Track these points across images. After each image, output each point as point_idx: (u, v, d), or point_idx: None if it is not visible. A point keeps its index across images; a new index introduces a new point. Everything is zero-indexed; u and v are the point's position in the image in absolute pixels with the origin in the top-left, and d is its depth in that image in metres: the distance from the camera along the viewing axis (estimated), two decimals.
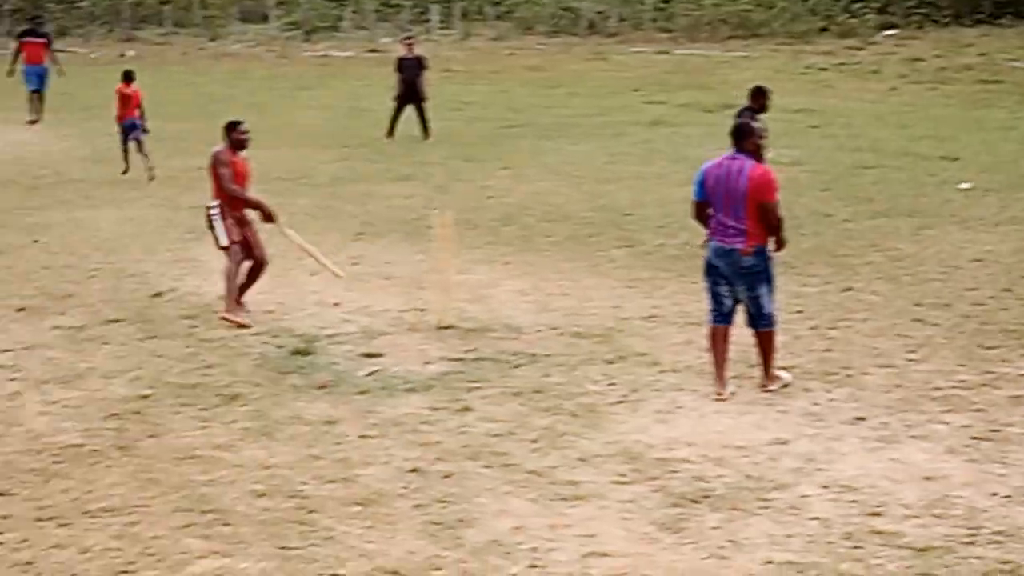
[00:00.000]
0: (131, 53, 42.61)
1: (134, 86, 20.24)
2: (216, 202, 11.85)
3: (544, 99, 31.27)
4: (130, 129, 19.95)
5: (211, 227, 11.90)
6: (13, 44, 28.61)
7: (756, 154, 9.59)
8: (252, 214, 12.07)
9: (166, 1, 49.46)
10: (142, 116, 20.05)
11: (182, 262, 14.08)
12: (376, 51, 43.90)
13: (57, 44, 43.92)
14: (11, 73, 27.05)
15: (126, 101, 20.01)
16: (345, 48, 45.53)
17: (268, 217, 12.05)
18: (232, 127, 11.90)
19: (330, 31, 49.96)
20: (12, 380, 10.03)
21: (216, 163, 11.83)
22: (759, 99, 14.66)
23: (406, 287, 13.09)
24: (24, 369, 10.31)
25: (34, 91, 26.33)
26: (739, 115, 13.11)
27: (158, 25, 48.69)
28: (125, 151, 19.89)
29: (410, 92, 23.86)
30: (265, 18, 50.94)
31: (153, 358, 10.63)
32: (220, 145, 11.90)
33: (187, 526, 7.33)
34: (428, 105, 24.00)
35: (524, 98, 31.49)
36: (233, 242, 11.81)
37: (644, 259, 14.47)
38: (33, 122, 25.55)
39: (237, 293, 11.80)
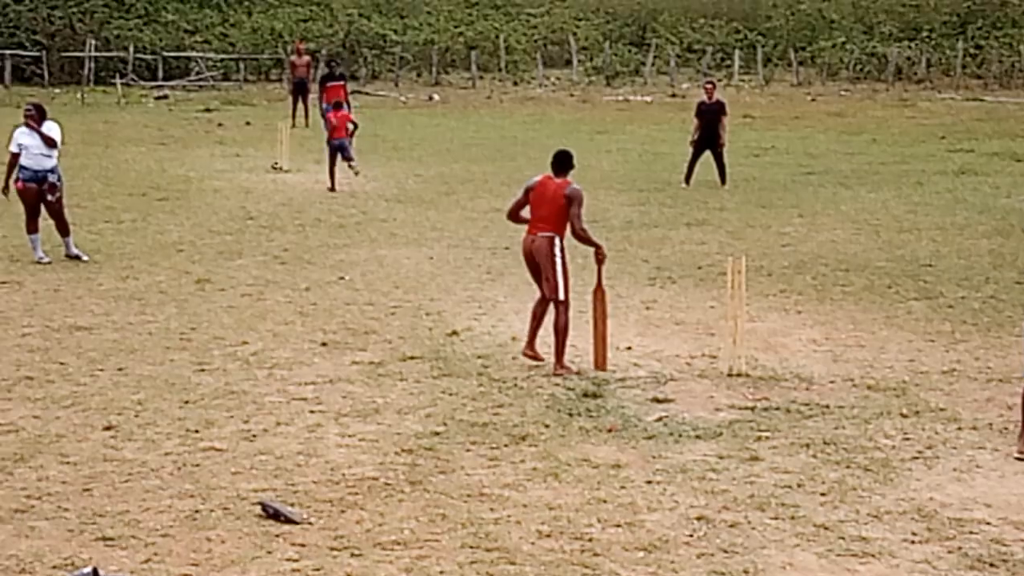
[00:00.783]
0: (437, 97, 43.83)
1: (343, 111, 23.99)
2: (556, 236, 11.61)
3: (844, 145, 30.74)
4: (339, 149, 23.11)
5: (552, 269, 11.60)
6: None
7: None
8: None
9: (473, 46, 50.67)
10: (350, 136, 23.58)
11: (478, 302, 14.37)
12: (676, 96, 44.00)
13: (368, 88, 45.71)
14: (323, 113, 28.16)
15: (339, 124, 23.32)
16: (645, 92, 45.77)
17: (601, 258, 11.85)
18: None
19: (632, 76, 50.32)
20: (313, 412, 10.41)
21: (578, 201, 11.64)
22: None
23: (697, 333, 13.04)
24: (325, 402, 10.69)
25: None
26: None
27: (464, 69, 49.95)
28: (332, 169, 22.94)
29: (708, 137, 23.77)
30: (568, 63, 51.68)
31: (446, 396, 10.87)
32: (573, 182, 11.77)
33: (473, 563, 7.46)
34: (725, 151, 23.88)
35: (824, 144, 31.03)
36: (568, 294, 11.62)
37: (944, 312, 14.04)
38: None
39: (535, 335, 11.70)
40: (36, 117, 16.19)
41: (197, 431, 9.88)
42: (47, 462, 9.20)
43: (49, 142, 16.13)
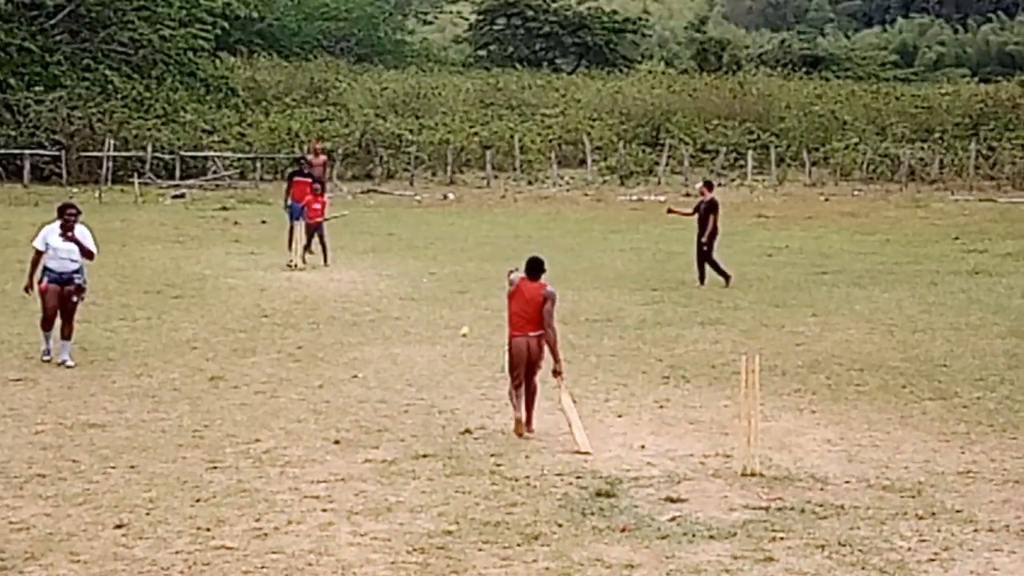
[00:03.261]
0: (451, 196, 44.10)
1: (323, 197, 27.13)
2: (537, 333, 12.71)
3: (858, 245, 30.80)
4: (315, 230, 26.07)
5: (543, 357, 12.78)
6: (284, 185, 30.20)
7: None
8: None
9: (488, 146, 51.02)
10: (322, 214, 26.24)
11: (491, 400, 14.35)
12: (690, 195, 44.17)
13: (384, 187, 46.00)
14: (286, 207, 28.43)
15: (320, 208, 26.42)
16: (659, 192, 45.99)
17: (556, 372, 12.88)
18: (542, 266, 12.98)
19: (645, 175, 50.59)
20: (325, 511, 10.37)
21: (552, 300, 12.75)
22: None
23: (711, 432, 13.00)
24: (337, 500, 10.65)
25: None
26: None
27: (479, 168, 50.25)
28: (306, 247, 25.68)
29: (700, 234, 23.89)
30: (582, 162, 52.00)
31: (459, 494, 10.83)
32: (548, 284, 12.85)
33: None
34: (715, 250, 23.78)
35: (837, 244, 31.10)
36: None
37: (959, 412, 13.99)
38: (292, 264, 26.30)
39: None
40: (75, 224, 16.03)
41: (208, 529, 9.85)
42: (57, 560, 9.17)
43: (87, 254, 16.13)
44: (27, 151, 44.66)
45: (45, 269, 16.11)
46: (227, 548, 9.44)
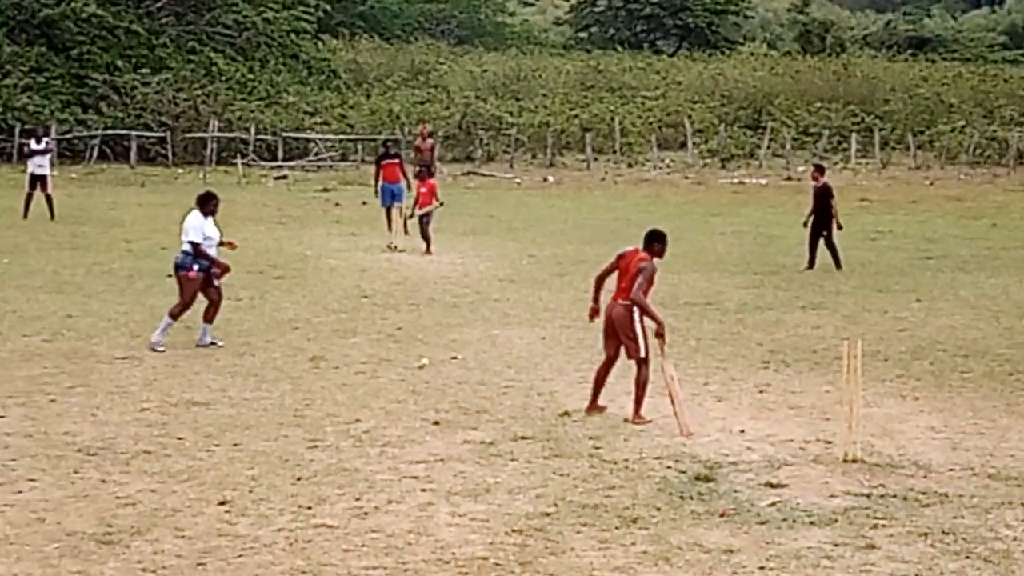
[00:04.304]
0: (551, 178, 44.08)
1: (430, 181, 26.13)
2: (629, 303, 12.46)
3: (963, 230, 30.35)
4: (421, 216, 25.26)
5: (632, 330, 12.46)
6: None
7: None
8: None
9: (588, 128, 50.92)
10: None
11: (590, 383, 14.30)
12: (791, 179, 43.82)
13: (484, 169, 46.12)
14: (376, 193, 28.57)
15: (426, 193, 25.50)
16: (760, 175, 45.63)
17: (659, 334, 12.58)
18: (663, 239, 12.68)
19: (747, 158, 50.22)
20: (424, 491, 10.43)
21: (646, 274, 12.39)
22: None
23: (812, 418, 12.89)
24: (436, 481, 10.71)
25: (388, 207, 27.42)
26: None
27: (579, 151, 50.17)
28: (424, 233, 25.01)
29: (820, 221, 23.60)
30: (683, 145, 51.73)
31: (557, 476, 10.83)
32: (653, 259, 12.59)
33: None
34: (835, 235, 23.58)
35: (942, 228, 30.67)
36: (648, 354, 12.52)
37: None
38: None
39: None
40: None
41: (309, 507, 9.95)
42: (162, 535, 9.31)
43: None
44: (134, 132, 45.35)
45: (199, 258, 16.03)
46: (327, 526, 9.53)
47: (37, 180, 28.76)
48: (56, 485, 10.47)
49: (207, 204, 16.34)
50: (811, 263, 23.31)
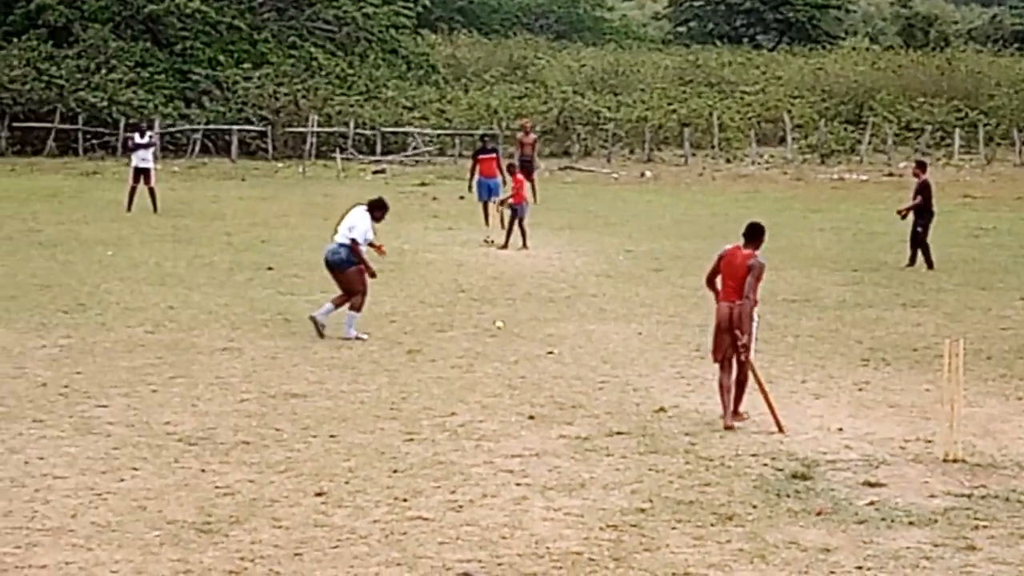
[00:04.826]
0: (648, 174, 43.92)
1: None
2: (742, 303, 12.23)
3: None
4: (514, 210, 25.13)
5: (750, 328, 12.22)
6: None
7: None
8: None
9: (686, 123, 50.65)
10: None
11: (686, 379, 14.28)
12: (893, 175, 43.26)
13: (581, 164, 46.07)
14: (470, 188, 28.74)
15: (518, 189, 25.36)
16: (861, 171, 45.10)
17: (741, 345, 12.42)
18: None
19: (847, 154, 49.65)
20: (519, 485, 10.45)
21: (756, 273, 12.21)
22: None
23: (912, 417, 12.73)
24: (531, 475, 10.72)
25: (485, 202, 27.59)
26: None
27: (677, 146, 49.90)
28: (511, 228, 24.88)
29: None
30: (782, 140, 51.27)
31: (653, 472, 10.80)
32: (759, 255, 12.37)
33: None
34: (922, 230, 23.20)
35: None
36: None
37: None
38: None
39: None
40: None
41: (405, 500, 10.02)
42: (260, 525, 9.42)
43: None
44: (235, 127, 45.87)
45: (351, 255, 16.49)
46: (423, 519, 9.59)
47: (140, 173, 29.22)
48: (157, 474, 10.63)
49: (378, 210, 16.73)
50: (912, 260, 23.01)
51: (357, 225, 16.46)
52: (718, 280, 12.55)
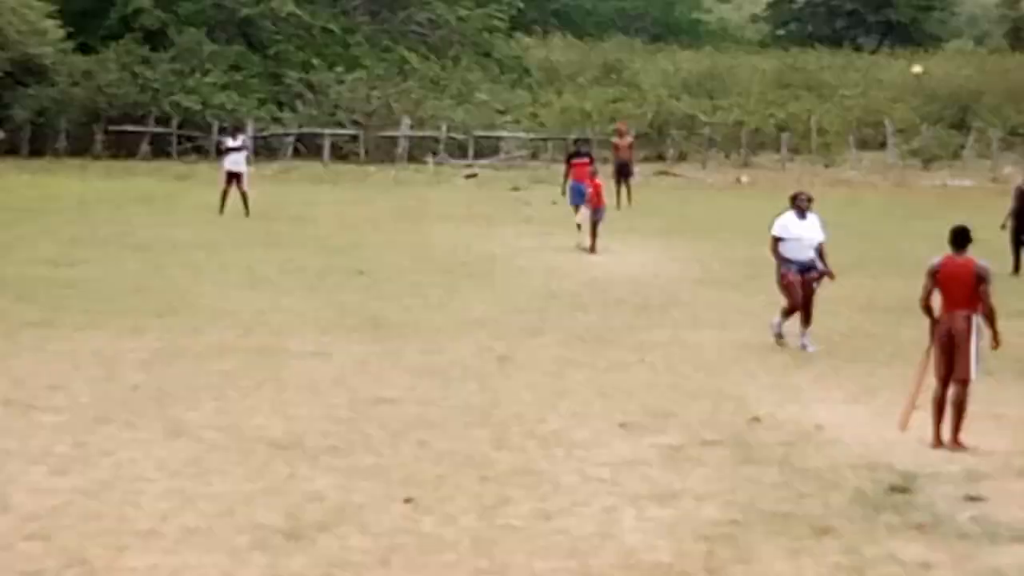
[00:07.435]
0: (745, 179, 43.52)
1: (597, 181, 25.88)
2: (973, 315, 11.87)
3: None
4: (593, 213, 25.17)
5: (968, 347, 11.81)
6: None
7: None
8: None
9: (784, 127, 50.16)
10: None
11: (782, 388, 14.02)
12: (997, 181, 42.48)
13: (676, 169, 45.74)
14: (563, 192, 28.61)
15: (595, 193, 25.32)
16: (964, 177, 44.34)
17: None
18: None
19: (950, 159, 48.87)
20: (610, 494, 10.28)
21: (988, 278, 12.03)
22: None
23: (1016, 429, 12.40)
24: (622, 484, 10.55)
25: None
26: None
27: (774, 151, 49.43)
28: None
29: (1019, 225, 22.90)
30: (883, 145, 50.59)
31: (747, 483, 10.59)
32: (977, 258, 12.15)
33: None
34: None
35: None
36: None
37: None
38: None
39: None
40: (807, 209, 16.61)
41: (494, 507, 9.89)
42: (348, 531, 9.34)
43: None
44: (327, 130, 46.15)
45: (787, 261, 16.42)
46: (512, 527, 9.46)
47: (233, 177, 29.44)
48: (246, 478, 10.59)
49: (793, 201, 16.77)
50: (1016, 268, 22.52)
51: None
52: (935, 297, 12.12)
